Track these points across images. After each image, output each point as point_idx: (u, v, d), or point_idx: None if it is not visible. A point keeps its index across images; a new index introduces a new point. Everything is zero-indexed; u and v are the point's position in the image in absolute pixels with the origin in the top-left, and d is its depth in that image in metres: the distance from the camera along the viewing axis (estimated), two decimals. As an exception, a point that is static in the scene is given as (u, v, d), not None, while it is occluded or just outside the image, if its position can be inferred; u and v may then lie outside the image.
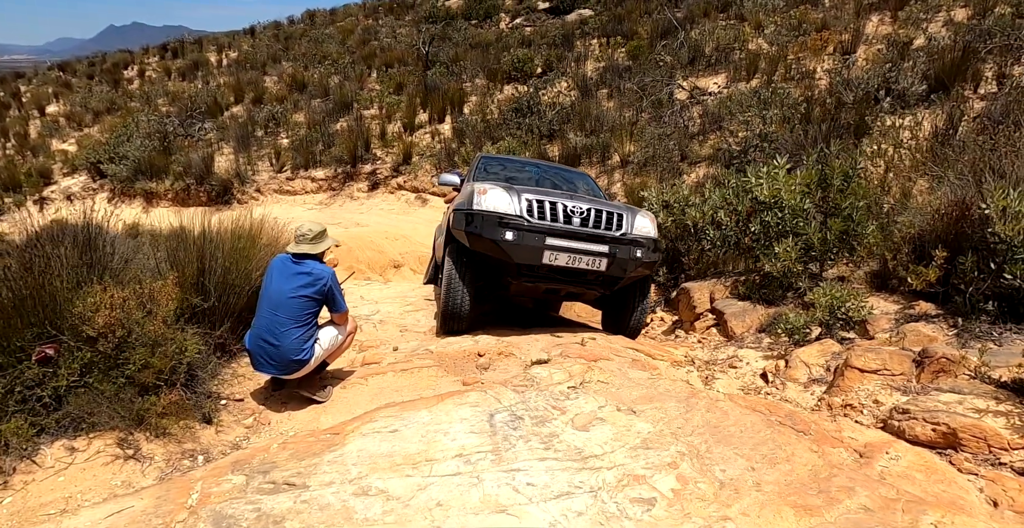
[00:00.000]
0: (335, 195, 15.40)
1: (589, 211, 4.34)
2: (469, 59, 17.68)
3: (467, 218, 4.25)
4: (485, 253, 4.26)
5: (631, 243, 4.38)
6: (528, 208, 4.23)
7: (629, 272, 4.40)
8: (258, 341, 3.20)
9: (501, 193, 4.29)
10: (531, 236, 4.12)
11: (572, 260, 4.19)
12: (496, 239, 4.10)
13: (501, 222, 4.13)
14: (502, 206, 4.21)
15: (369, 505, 2.17)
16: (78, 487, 2.59)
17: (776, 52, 12.05)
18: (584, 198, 4.63)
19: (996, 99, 8.19)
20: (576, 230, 4.24)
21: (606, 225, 4.37)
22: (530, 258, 4.14)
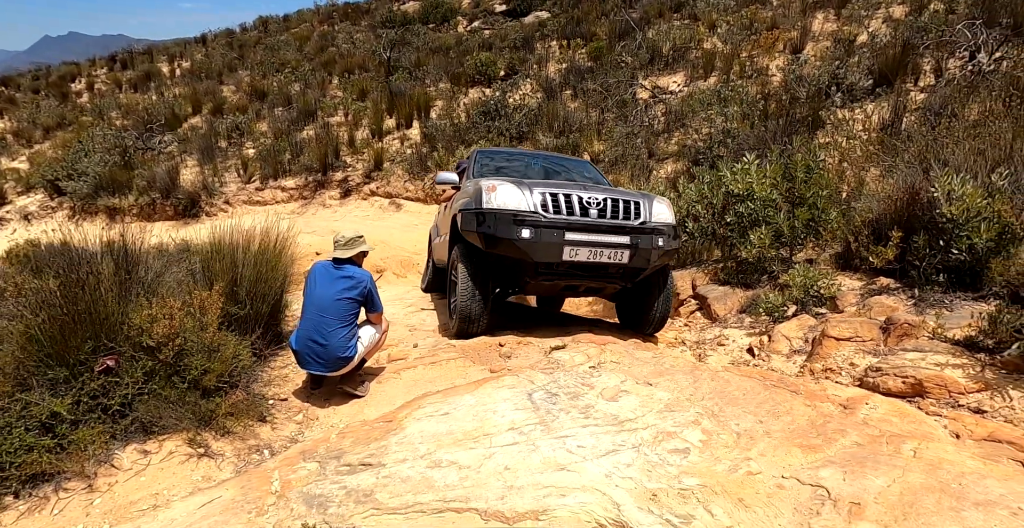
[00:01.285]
0: (307, 204, 15.45)
1: (605, 201, 4.16)
2: (431, 63, 17.92)
3: (478, 218, 4.07)
4: (501, 254, 4.11)
5: (652, 232, 4.21)
6: (542, 203, 4.06)
7: (652, 263, 4.24)
8: (306, 341, 3.49)
9: (512, 189, 4.10)
10: (549, 232, 3.95)
11: (593, 254, 4.03)
12: (512, 238, 3.94)
13: (516, 220, 3.96)
14: (514, 202, 4.04)
15: (445, 474, 2.51)
16: (162, 484, 2.84)
17: (730, 51, 12.72)
18: (596, 187, 4.45)
19: (935, 91, 8.93)
20: (595, 222, 4.07)
21: (624, 215, 4.19)
22: (550, 255, 3.98)
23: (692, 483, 2.33)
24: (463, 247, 4.39)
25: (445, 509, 2.31)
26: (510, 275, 4.39)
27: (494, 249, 4.10)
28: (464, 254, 4.34)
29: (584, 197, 4.16)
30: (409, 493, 2.41)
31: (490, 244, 4.09)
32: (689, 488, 2.29)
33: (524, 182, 4.27)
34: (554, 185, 4.31)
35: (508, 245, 4.01)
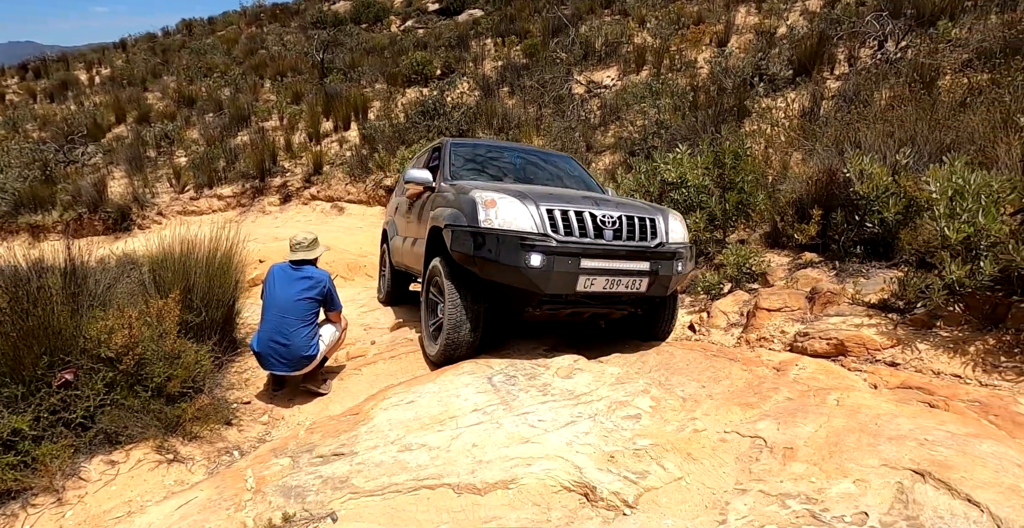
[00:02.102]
0: (246, 211, 15.11)
1: (621, 220, 3.61)
2: (366, 64, 17.78)
3: (475, 239, 3.44)
4: (502, 282, 3.52)
5: (672, 257, 3.70)
6: (551, 222, 3.45)
7: (670, 290, 3.80)
8: (268, 343, 3.55)
9: (515, 205, 3.48)
10: (563, 260, 3.35)
11: (610, 283, 3.50)
12: (519, 266, 3.33)
13: (524, 244, 3.33)
14: (519, 222, 3.43)
15: (416, 456, 2.65)
16: (134, 491, 2.87)
17: (660, 45, 13.20)
18: (608, 202, 3.82)
19: (848, 79, 9.57)
20: (614, 247, 3.50)
21: (640, 235, 3.66)
22: (563, 287, 3.41)
23: (645, 443, 2.55)
24: (452, 268, 3.76)
25: (419, 487, 2.45)
26: (507, 302, 3.83)
27: (494, 277, 3.51)
28: (453, 274, 3.73)
29: (599, 215, 3.56)
30: (384, 476, 2.54)
31: (490, 271, 3.48)
32: (643, 448, 2.52)
33: (527, 195, 3.61)
34: (561, 199, 3.67)
35: (513, 274, 3.40)
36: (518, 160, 5.32)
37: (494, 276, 3.50)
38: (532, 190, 3.91)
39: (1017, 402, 2.86)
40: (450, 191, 4.07)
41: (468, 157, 5.06)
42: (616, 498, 2.24)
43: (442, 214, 3.90)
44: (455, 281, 3.69)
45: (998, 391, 3.00)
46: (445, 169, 4.70)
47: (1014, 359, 3.20)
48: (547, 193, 3.84)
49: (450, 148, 5.04)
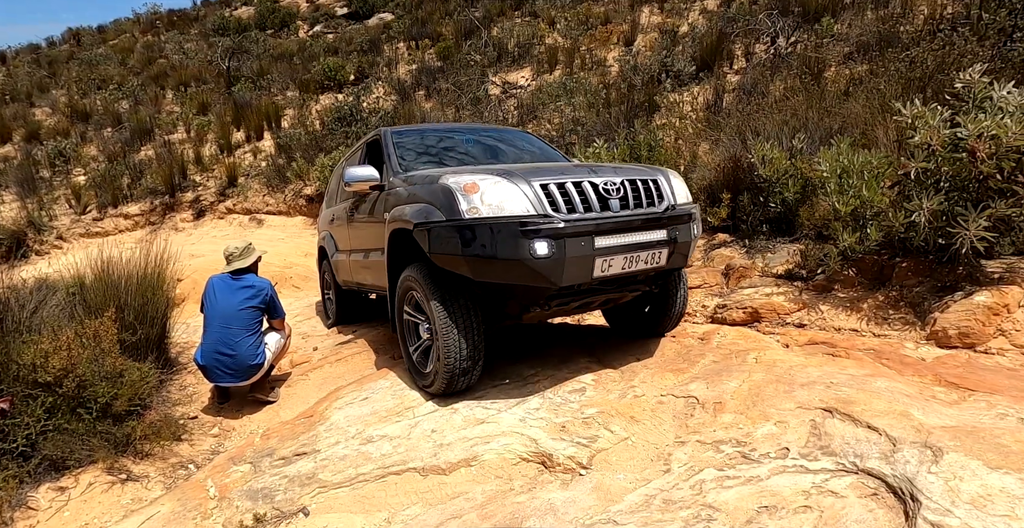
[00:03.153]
0: (156, 229, 14.40)
1: (623, 185, 3.06)
2: (275, 71, 17.33)
3: (462, 235, 2.80)
4: (503, 282, 2.88)
5: (689, 219, 3.25)
6: (549, 199, 2.85)
7: (689, 258, 3.35)
8: (213, 355, 3.53)
9: (502, 184, 2.85)
10: (575, 242, 2.75)
11: (629, 262, 2.95)
12: (523, 258, 2.70)
13: (526, 230, 2.71)
14: (512, 204, 2.80)
15: (379, 447, 2.76)
16: (90, 515, 2.81)
17: (571, 45, 13.64)
18: (602, 168, 3.20)
19: (746, 73, 10.29)
20: (627, 218, 2.96)
21: (647, 200, 3.14)
22: (578, 274, 2.81)
23: (592, 412, 2.79)
24: (432, 275, 3.12)
25: (386, 474, 2.57)
26: (504, 305, 3.28)
27: (492, 277, 2.85)
28: (437, 283, 3.07)
29: (599, 183, 3.00)
30: (350, 468, 2.64)
31: (486, 271, 2.83)
32: (590, 416, 2.75)
33: (512, 172, 2.97)
34: (551, 172, 3.04)
35: (517, 269, 2.75)
36: (471, 141, 4.56)
37: (492, 276, 2.83)
38: (512, 167, 3.27)
39: (904, 347, 3.30)
40: (405, 185, 3.47)
41: (414, 145, 4.30)
42: (572, 461, 2.45)
43: (404, 213, 3.22)
44: (441, 292, 3.03)
45: (888, 339, 3.44)
46: (392, 162, 3.98)
47: (900, 311, 3.67)
48: (531, 168, 3.15)
49: (391, 138, 4.28)
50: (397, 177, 3.73)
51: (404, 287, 3.38)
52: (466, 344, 3.01)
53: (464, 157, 4.30)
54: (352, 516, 2.38)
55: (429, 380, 3.20)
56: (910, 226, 3.71)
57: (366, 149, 4.79)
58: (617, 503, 2.17)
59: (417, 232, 3.07)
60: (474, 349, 3.04)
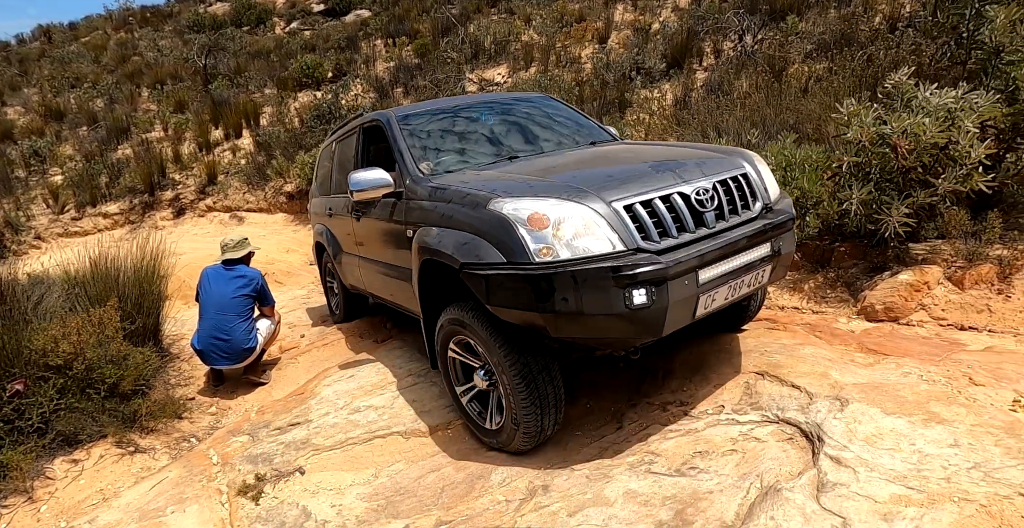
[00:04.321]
0: (136, 228, 14.45)
1: (715, 189, 2.49)
2: (253, 69, 17.40)
3: (534, 286, 2.21)
4: (587, 337, 2.35)
5: (790, 224, 2.71)
6: (636, 224, 2.27)
7: (787, 269, 2.90)
8: (209, 340, 3.82)
9: (579, 211, 2.25)
10: (678, 283, 2.20)
11: (732, 291, 2.44)
12: (618, 312, 2.15)
13: (618, 276, 2.13)
14: (594, 240, 2.21)
15: (366, 415, 3.09)
16: (104, 482, 3.10)
17: (546, 42, 13.96)
18: (679, 165, 2.57)
19: (714, 71, 10.70)
20: (732, 240, 2.38)
21: (741, 202, 2.59)
22: (681, 318, 2.31)
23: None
24: (493, 323, 2.51)
25: (373, 437, 2.90)
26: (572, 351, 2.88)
27: (577, 333, 2.31)
28: (502, 335, 2.49)
29: (690, 193, 2.41)
30: (340, 433, 2.97)
31: (569, 328, 2.28)
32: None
33: (579, 187, 2.38)
34: (621, 177, 2.48)
35: (609, 324, 2.22)
36: (491, 119, 3.80)
37: (576, 332, 2.28)
38: (575, 175, 2.63)
39: (837, 321, 3.71)
40: (432, 200, 2.85)
41: (427, 133, 3.56)
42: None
43: (440, 241, 2.62)
44: (510, 344, 2.47)
45: (824, 315, 3.84)
46: (407, 162, 3.28)
47: (836, 291, 4.07)
48: (602, 176, 2.53)
49: (399, 126, 3.53)
50: (420, 185, 3.03)
51: (450, 328, 2.76)
52: (550, 396, 2.50)
53: (492, 145, 3.52)
54: (343, 473, 2.71)
55: (502, 437, 2.64)
56: (844, 214, 4.11)
57: (362, 136, 4.06)
58: (575, 454, 2.52)
59: (468, 275, 2.43)
60: (557, 400, 2.54)
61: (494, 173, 2.95)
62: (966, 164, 3.69)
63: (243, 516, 2.58)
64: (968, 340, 3.19)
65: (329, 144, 5.02)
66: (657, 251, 2.25)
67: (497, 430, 2.68)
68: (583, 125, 4.00)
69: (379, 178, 3.14)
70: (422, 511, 2.37)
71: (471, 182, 2.75)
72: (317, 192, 5.39)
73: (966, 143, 3.64)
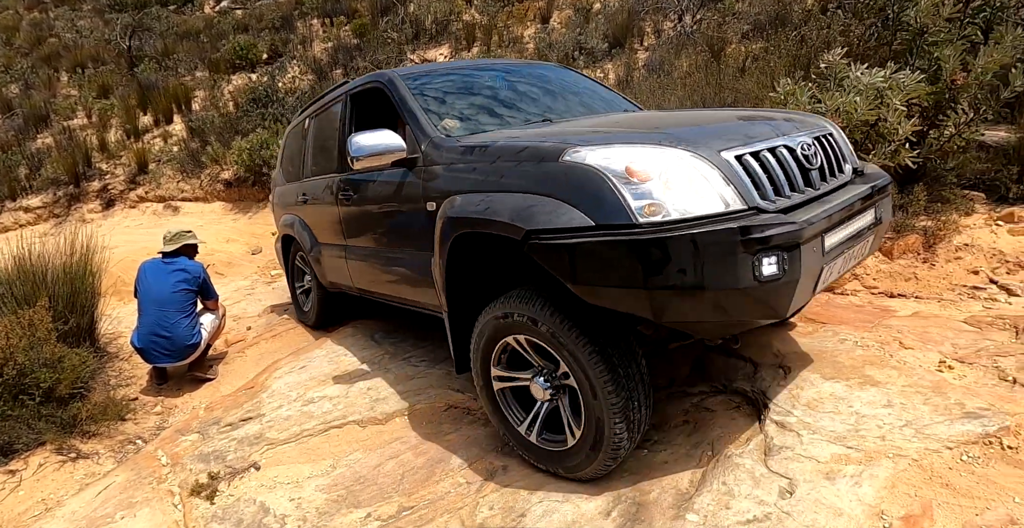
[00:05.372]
0: (61, 222, 13.65)
1: (815, 146, 2.18)
2: (182, 51, 16.56)
3: (641, 255, 1.72)
4: (700, 321, 1.84)
5: (889, 188, 2.47)
6: (752, 179, 1.88)
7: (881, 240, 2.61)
8: (150, 337, 3.66)
9: (688, 160, 1.83)
10: (808, 250, 1.79)
11: (845, 262, 2.11)
12: (745, 286, 1.70)
13: (747, 239, 1.68)
14: (706, 195, 1.78)
15: (320, 406, 3.04)
16: (45, 492, 2.95)
17: (488, 22, 13.79)
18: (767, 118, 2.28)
19: (655, 51, 10.81)
20: (849, 201, 2.06)
21: (836, 165, 2.30)
22: (804, 295, 1.89)
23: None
24: (568, 312, 2.03)
25: (328, 428, 2.86)
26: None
27: (689, 315, 1.80)
28: (582, 327, 2.00)
29: (794, 146, 2.09)
30: (294, 426, 2.91)
31: (682, 309, 1.78)
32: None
33: (682, 136, 1.95)
34: (720, 129, 2.09)
35: (730, 301, 1.76)
36: (507, 83, 3.31)
37: (689, 315, 1.79)
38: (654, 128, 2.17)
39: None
40: (467, 160, 2.38)
41: (439, 95, 3.04)
42: (493, 404, 2.83)
43: (489, 208, 2.11)
44: (596, 338, 1.99)
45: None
46: (420, 120, 2.77)
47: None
48: (686, 125, 2.20)
49: (406, 86, 3.01)
50: (444, 147, 2.54)
51: (502, 326, 2.22)
52: (642, 409, 2.07)
53: (515, 109, 3.08)
54: (300, 466, 2.66)
55: (571, 461, 2.18)
56: (782, 190, 4.25)
57: (350, 105, 3.50)
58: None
59: (539, 247, 1.91)
60: (646, 409, 2.11)
61: (543, 130, 2.43)
62: (894, 140, 3.87)
63: (198, 516, 2.52)
64: (897, 307, 3.39)
65: (300, 123, 4.48)
66: (776, 212, 1.83)
67: (564, 452, 2.17)
68: (606, 95, 3.63)
69: (389, 141, 2.61)
70: (383, 499, 2.37)
71: (523, 137, 2.26)
72: (283, 179, 4.82)
73: (894, 120, 3.82)
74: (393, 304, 3.37)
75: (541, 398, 2.26)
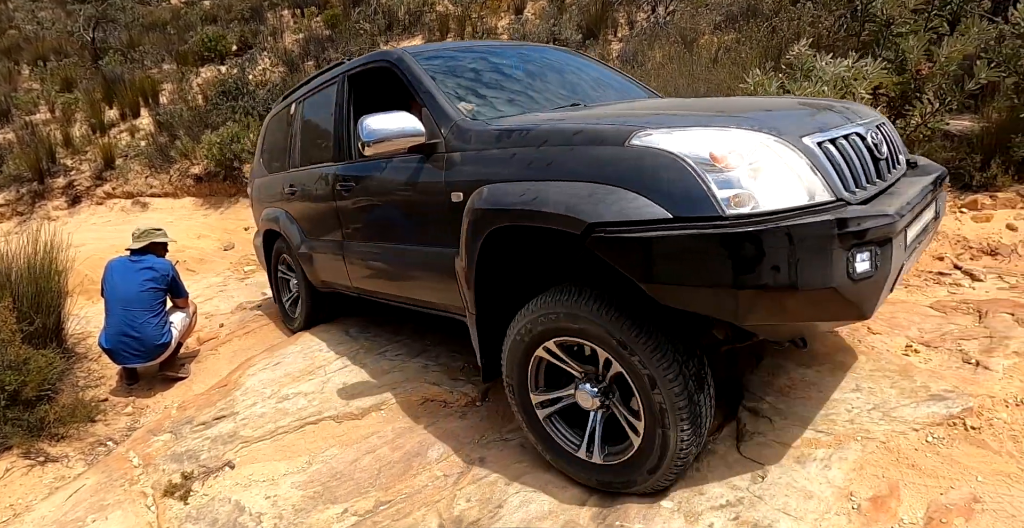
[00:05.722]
0: (25, 220, 13.27)
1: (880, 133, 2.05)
2: (148, 43, 16.16)
3: (732, 250, 1.55)
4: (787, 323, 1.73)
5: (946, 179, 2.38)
6: (836, 169, 1.71)
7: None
8: (119, 338, 3.58)
9: (774, 147, 1.67)
10: (897, 246, 1.66)
11: (915, 257, 2.00)
12: (838, 284, 1.55)
13: (844, 232, 1.54)
14: (791, 188, 1.61)
15: (295, 402, 3.01)
16: (13, 497, 2.88)
17: (462, 13, 13.67)
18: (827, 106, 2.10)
19: (628, 42, 10.83)
20: (921, 194, 1.92)
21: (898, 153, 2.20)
22: (886, 293, 1.74)
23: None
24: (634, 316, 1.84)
25: (304, 425, 2.83)
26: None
27: (775, 317, 1.65)
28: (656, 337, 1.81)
29: (865, 134, 1.96)
30: (269, 423, 2.88)
31: (770, 311, 1.63)
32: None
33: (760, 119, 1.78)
34: (788, 114, 1.93)
35: (820, 302, 1.60)
36: (523, 67, 3.06)
37: (776, 317, 1.65)
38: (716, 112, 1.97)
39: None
40: (502, 147, 2.16)
41: (457, 76, 2.79)
42: (466, 398, 2.83)
43: (536, 198, 1.90)
44: (664, 342, 1.81)
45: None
46: (439, 102, 2.52)
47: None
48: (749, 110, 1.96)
49: (418, 65, 2.74)
50: (473, 131, 2.32)
51: (547, 329, 2.02)
52: (706, 417, 1.91)
53: (539, 92, 2.85)
54: (275, 463, 2.64)
55: (626, 476, 2.00)
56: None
57: (347, 87, 3.24)
58: (509, 424, 2.56)
59: (606, 241, 1.71)
60: (710, 417, 1.95)
61: (588, 113, 2.26)
62: (860, 129, 3.93)
63: (172, 517, 2.48)
64: (866, 293, 3.45)
65: (285, 108, 4.14)
66: (857, 202, 1.68)
67: (619, 466, 2.00)
68: (623, 80, 3.44)
69: (406, 123, 2.36)
70: (360, 494, 2.35)
71: (570, 119, 2.07)
72: (265, 170, 4.47)
73: (860, 109, 3.88)
74: (399, 305, 3.13)
75: (591, 407, 2.06)
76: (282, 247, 4.17)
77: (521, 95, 2.79)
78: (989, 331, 2.60)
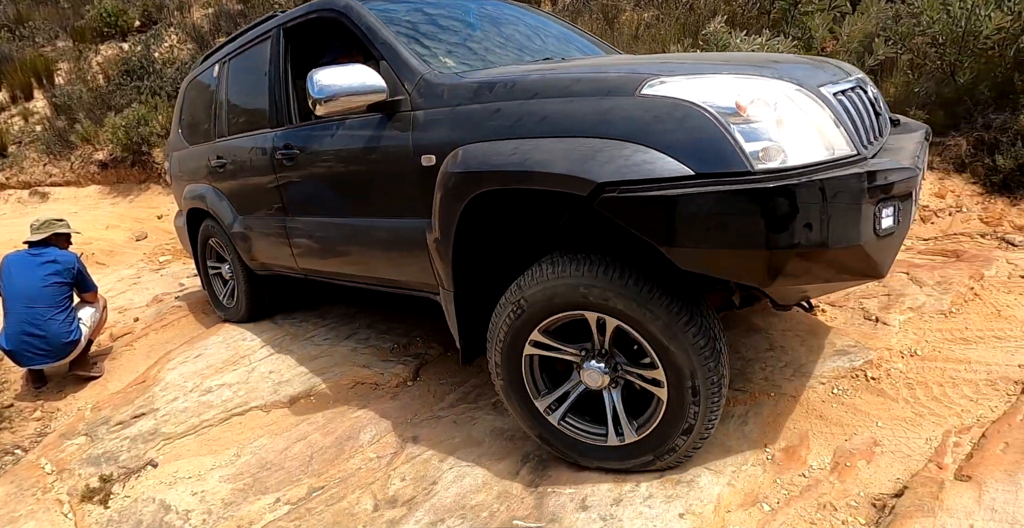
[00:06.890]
0: (-92, 214, 12.13)
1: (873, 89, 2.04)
2: (39, 17, 14.87)
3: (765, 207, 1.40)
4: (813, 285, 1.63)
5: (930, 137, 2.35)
6: (852, 122, 1.62)
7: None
8: (21, 338, 3.33)
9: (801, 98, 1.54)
10: (909, 201, 1.58)
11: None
12: (865, 241, 1.46)
13: (873, 186, 1.44)
14: (814, 142, 1.49)
15: (220, 394, 2.90)
16: (-98, 515, 2.65)
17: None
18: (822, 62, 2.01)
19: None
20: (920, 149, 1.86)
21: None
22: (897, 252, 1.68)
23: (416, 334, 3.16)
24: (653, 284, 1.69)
25: (230, 417, 2.74)
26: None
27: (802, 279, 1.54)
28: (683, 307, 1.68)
29: (864, 87, 1.92)
30: (192, 418, 2.77)
31: (799, 272, 1.51)
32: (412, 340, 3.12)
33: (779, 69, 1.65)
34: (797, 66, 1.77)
35: (845, 261, 1.52)
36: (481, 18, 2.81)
37: (804, 279, 1.54)
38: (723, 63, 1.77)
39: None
40: (482, 101, 1.91)
41: (414, 26, 2.48)
42: (397, 378, 2.82)
43: (530, 157, 1.70)
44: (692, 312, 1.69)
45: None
46: (401, 55, 2.23)
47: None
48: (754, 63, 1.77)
49: (371, 13, 2.41)
50: (446, 85, 2.06)
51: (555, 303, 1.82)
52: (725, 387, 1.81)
53: (503, 47, 2.60)
54: (201, 458, 2.54)
55: (640, 458, 1.91)
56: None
57: (284, 43, 2.89)
58: (441, 401, 2.57)
59: (616, 200, 1.55)
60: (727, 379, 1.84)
61: (580, 63, 2.07)
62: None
63: (92, 523, 2.35)
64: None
65: (206, 70, 3.72)
66: (864, 150, 1.58)
67: (629, 446, 1.89)
68: (591, 38, 3.22)
69: (365, 77, 2.07)
70: (292, 482, 2.31)
71: (563, 69, 1.87)
72: (186, 142, 3.98)
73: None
74: (354, 285, 2.84)
75: (601, 385, 1.89)
76: (211, 227, 3.75)
77: (487, 49, 2.51)
78: (887, 289, 2.80)
